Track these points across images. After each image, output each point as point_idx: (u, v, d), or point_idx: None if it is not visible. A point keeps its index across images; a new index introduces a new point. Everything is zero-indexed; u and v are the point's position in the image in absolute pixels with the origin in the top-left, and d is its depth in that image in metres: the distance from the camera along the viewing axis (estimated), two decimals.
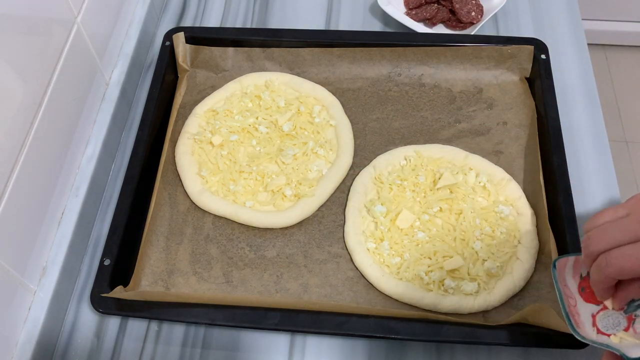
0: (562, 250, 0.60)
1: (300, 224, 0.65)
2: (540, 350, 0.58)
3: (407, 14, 0.82)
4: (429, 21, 0.82)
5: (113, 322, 0.62)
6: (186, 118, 0.73)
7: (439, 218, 0.64)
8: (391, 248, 0.62)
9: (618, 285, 0.46)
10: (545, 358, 0.58)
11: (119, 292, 0.59)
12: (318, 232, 0.65)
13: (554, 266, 0.50)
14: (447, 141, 0.70)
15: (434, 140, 0.70)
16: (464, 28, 0.81)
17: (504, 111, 0.72)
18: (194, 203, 0.67)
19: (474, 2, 0.81)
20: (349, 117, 0.72)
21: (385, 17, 0.83)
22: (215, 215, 0.66)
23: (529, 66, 0.73)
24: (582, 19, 0.82)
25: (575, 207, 0.63)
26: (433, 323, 0.57)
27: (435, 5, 0.82)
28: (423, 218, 0.64)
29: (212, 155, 0.69)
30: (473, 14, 0.80)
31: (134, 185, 0.66)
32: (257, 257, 0.64)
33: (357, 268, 0.62)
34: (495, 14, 0.83)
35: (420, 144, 0.69)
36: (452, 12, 0.82)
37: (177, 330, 0.61)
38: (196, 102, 0.74)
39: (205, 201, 0.66)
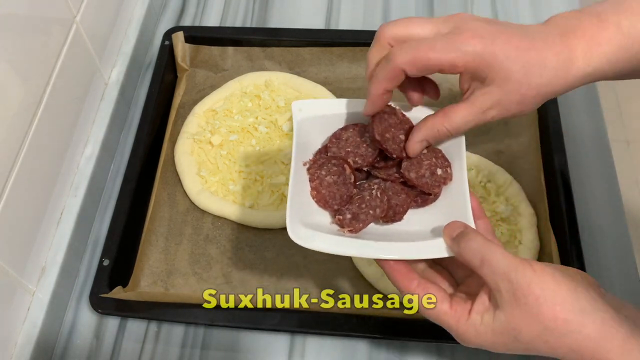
0: (563, 251, 0.60)
1: None
2: None
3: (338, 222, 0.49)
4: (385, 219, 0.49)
5: (112, 322, 0.62)
6: (185, 118, 0.73)
7: None
8: None
9: None
10: (546, 358, 0.58)
11: (118, 293, 0.59)
12: None
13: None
14: None
15: None
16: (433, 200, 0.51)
17: None
18: (193, 203, 0.67)
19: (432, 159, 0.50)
20: None
21: (386, 17, 0.83)
22: (214, 216, 0.66)
23: None
24: None
25: (576, 207, 0.63)
26: (433, 323, 0.57)
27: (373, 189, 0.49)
28: None
29: (212, 155, 0.69)
30: (439, 171, 0.50)
31: (133, 185, 0.66)
32: (257, 258, 0.63)
33: (357, 268, 0.62)
34: (496, 12, 0.82)
35: None
36: (404, 183, 0.51)
37: (177, 331, 0.61)
38: (195, 102, 0.74)
39: (204, 201, 0.66)
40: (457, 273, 0.47)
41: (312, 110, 0.51)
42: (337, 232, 0.48)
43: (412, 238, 0.46)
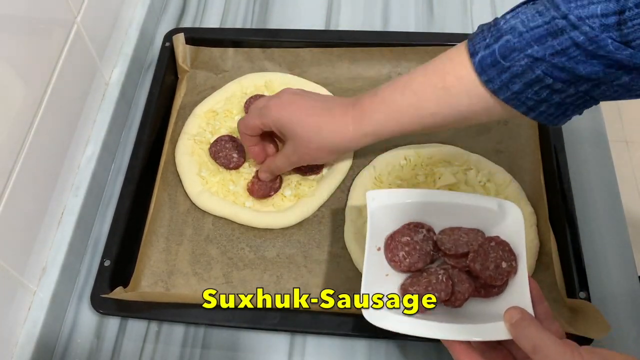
0: (562, 249, 0.60)
1: (300, 224, 0.65)
2: None
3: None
4: (448, 302, 0.54)
5: (113, 322, 0.62)
6: (186, 119, 0.73)
7: None
8: None
9: None
10: None
11: (119, 293, 0.59)
12: (318, 232, 0.65)
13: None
14: (447, 141, 0.70)
15: (434, 139, 0.70)
16: (496, 293, 0.54)
17: None
18: (193, 204, 0.67)
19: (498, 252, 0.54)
20: None
21: (386, 17, 0.83)
22: (215, 216, 0.66)
23: None
24: None
25: (575, 207, 0.63)
26: None
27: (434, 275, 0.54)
28: None
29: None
30: (504, 265, 0.53)
31: (134, 185, 0.66)
32: (257, 258, 0.63)
33: (357, 268, 0.62)
34: (496, 12, 0.83)
35: (420, 144, 0.69)
36: (469, 273, 0.55)
37: (177, 331, 0.61)
38: (196, 103, 0.74)
39: (205, 202, 0.66)
40: (517, 353, 0.50)
41: (384, 200, 0.57)
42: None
43: (473, 320, 0.51)
